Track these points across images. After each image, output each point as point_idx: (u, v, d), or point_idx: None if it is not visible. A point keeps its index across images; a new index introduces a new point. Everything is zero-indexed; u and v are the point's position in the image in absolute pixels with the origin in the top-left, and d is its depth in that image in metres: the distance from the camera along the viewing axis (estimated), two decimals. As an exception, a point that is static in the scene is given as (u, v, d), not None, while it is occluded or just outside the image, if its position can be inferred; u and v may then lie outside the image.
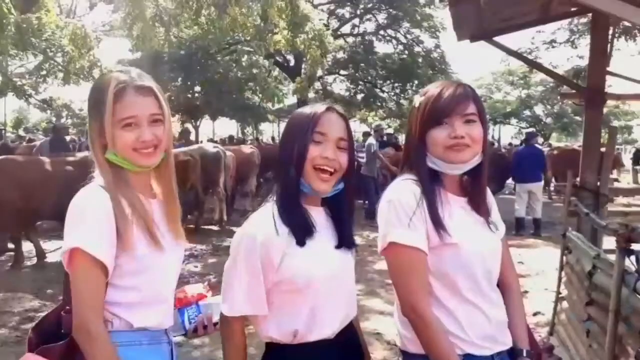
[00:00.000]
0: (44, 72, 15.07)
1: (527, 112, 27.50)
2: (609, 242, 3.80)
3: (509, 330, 1.33)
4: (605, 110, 4.46)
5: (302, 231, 1.22)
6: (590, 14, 4.29)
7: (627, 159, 17.69)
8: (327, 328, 1.25)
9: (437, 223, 1.24)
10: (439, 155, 1.27)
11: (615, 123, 23.06)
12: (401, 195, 1.26)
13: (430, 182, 1.28)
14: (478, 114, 1.28)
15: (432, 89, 1.31)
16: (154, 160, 1.27)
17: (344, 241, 1.30)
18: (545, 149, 11.34)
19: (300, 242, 1.21)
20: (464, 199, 1.34)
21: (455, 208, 1.30)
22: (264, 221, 1.23)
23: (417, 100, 1.33)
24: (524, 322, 1.37)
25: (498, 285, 1.35)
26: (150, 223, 1.24)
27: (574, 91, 4.50)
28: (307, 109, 1.30)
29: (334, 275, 1.26)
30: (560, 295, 3.45)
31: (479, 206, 1.33)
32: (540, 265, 5.64)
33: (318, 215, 1.29)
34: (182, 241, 1.36)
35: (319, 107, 1.28)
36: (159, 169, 1.32)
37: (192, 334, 1.39)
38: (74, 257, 1.17)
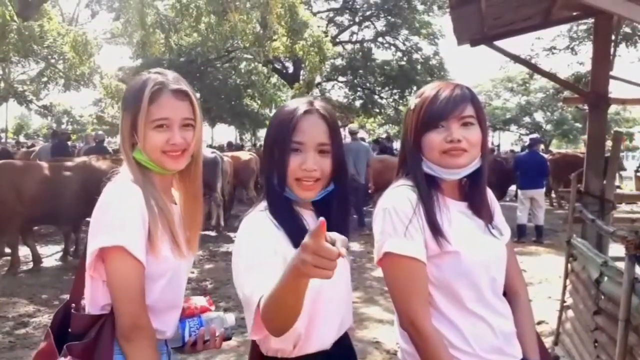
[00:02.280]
0: (45, 79, 15.09)
1: (526, 119, 27.52)
2: (614, 249, 3.74)
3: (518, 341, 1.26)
4: (606, 117, 4.40)
5: (299, 234, 1.13)
6: (591, 19, 4.26)
7: (629, 166, 17.65)
8: (325, 336, 1.19)
9: (436, 230, 1.17)
10: (435, 160, 1.21)
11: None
12: (396, 202, 1.19)
13: (427, 188, 1.21)
14: (476, 116, 1.22)
15: (428, 90, 1.25)
16: (180, 164, 1.25)
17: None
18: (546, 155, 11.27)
19: (298, 245, 1.14)
20: (464, 203, 1.26)
21: (454, 213, 1.22)
22: (264, 222, 1.16)
23: (413, 102, 1.26)
24: (534, 332, 1.30)
25: (505, 294, 1.28)
26: (174, 227, 1.24)
27: (576, 96, 4.45)
28: (288, 108, 1.20)
29: (331, 279, 1.19)
30: (565, 304, 3.37)
31: (480, 210, 1.26)
32: (543, 272, 5.57)
33: (310, 219, 1.23)
34: (194, 251, 1.33)
35: (299, 108, 1.17)
36: (184, 174, 1.31)
37: (190, 347, 1.33)
38: (114, 256, 1.14)
